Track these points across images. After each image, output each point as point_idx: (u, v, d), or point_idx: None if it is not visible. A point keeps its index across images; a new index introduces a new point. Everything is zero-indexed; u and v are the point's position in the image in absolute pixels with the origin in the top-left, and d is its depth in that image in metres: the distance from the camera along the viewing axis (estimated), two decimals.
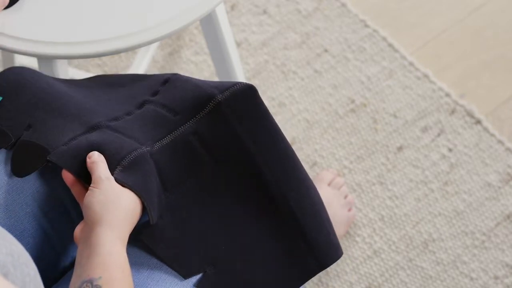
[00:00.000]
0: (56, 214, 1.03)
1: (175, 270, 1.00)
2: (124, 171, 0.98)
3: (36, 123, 1.04)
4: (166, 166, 1.02)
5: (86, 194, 0.95)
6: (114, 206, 0.93)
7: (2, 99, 1.05)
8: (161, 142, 1.03)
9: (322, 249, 1.05)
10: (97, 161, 0.97)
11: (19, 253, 0.75)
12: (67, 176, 0.98)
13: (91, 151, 0.99)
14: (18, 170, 1.01)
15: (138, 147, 1.00)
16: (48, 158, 1.00)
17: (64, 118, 1.04)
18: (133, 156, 0.99)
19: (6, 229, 0.99)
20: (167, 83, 1.09)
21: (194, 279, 1.01)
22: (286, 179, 1.04)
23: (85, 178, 0.98)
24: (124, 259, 0.92)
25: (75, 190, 0.98)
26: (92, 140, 1.01)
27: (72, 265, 1.05)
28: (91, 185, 0.95)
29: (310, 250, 1.04)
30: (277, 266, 1.04)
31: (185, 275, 1.00)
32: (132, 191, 0.96)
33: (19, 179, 1.02)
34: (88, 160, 0.98)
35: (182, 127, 1.03)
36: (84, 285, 0.88)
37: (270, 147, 1.04)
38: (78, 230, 0.95)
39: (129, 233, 0.95)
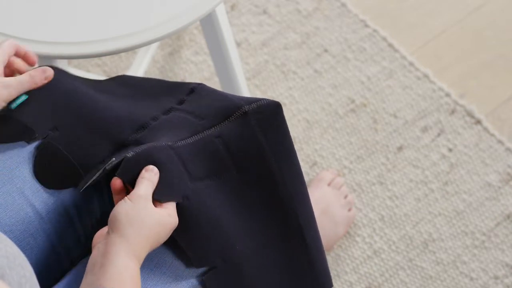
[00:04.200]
0: (57, 215, 1.03)
1: (189, 256, 0.99)
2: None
3: (62, 126, 1.04)
4: (187, 161, 1.02)
5: (118, 203, 0.94)
6: (140, 224, 0.92)
7: (27, 97, 1.05)
8: (185, 141, 1.03)
9: (319, 272, 1.07)
10: (147, 178, 0.96)
11: (14, 254, 0.75)
12: (116, 183, 0.98)
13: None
14: (42, 176, 1.02)
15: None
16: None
17: (92, 133, 1.04)
18: (147, 149, 1.00)
19: (7, 230, 0.99)
20: (193, 92, 1.10)
21: (195, 274, 1.00)
22: (300, 198, 1.06)
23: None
24: (138, 277, 0.91)
25: (117, 198, 0.98)
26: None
27: (72, 265, 1.05)
28: (127, 196, 0.95)
29: (311, 269, 1.06)
30: (279, 278, 1.04)
31: (197, 265, 0.99)
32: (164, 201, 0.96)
33: (19, 179, 1.02)
34: (143, 171, 0.97)
35: (207, 130, 1.05)
36: None
37: (288, 164, 1.06)
38: (99, 233, 0.95)
39: (145, 255, 0.94)
